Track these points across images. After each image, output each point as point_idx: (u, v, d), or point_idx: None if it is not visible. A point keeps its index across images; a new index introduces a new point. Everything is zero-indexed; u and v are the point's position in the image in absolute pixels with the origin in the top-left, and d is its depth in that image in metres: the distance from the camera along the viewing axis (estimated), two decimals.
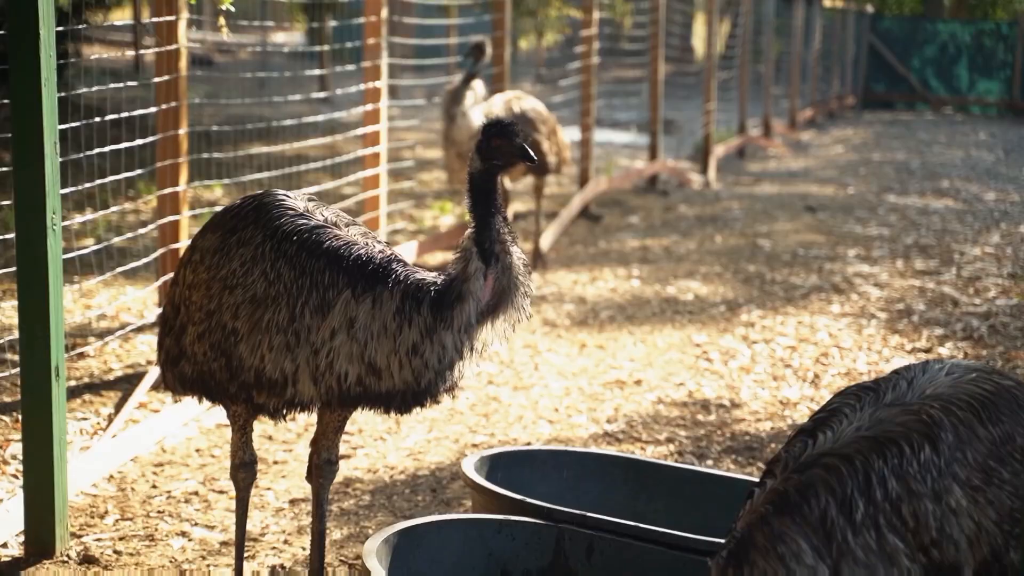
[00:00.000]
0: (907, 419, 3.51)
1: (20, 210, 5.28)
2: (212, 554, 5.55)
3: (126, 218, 11.73)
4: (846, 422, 3.57)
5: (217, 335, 4.36)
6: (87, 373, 7.74)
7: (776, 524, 3.41)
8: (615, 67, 24.50)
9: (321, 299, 4.23)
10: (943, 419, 3.50)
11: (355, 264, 4.25)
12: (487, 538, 4.68)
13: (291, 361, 4.24)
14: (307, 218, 4.39)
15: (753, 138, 23.10)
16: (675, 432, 7.22)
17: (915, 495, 3.42)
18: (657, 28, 17.13)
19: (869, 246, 13.16)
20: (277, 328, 4.25)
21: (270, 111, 16.78)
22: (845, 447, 3.48)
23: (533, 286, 4.37)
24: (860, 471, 3.43)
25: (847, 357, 8.81)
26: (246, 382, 4.32)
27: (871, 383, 3.71)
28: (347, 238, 4.34)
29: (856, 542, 3.39)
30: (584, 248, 12.80)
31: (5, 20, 5.28)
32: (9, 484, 6.12)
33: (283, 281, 4.27)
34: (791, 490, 3.44)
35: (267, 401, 4.36)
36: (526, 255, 4.34)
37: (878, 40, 35.54)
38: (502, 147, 4.22)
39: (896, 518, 3.41)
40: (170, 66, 7.56)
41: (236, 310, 4.31)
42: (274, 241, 4.33)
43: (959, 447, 3.48)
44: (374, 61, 9.94)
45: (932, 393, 3.59)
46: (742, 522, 3.48)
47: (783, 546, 3.39)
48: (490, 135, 4.23)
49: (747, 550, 3.42)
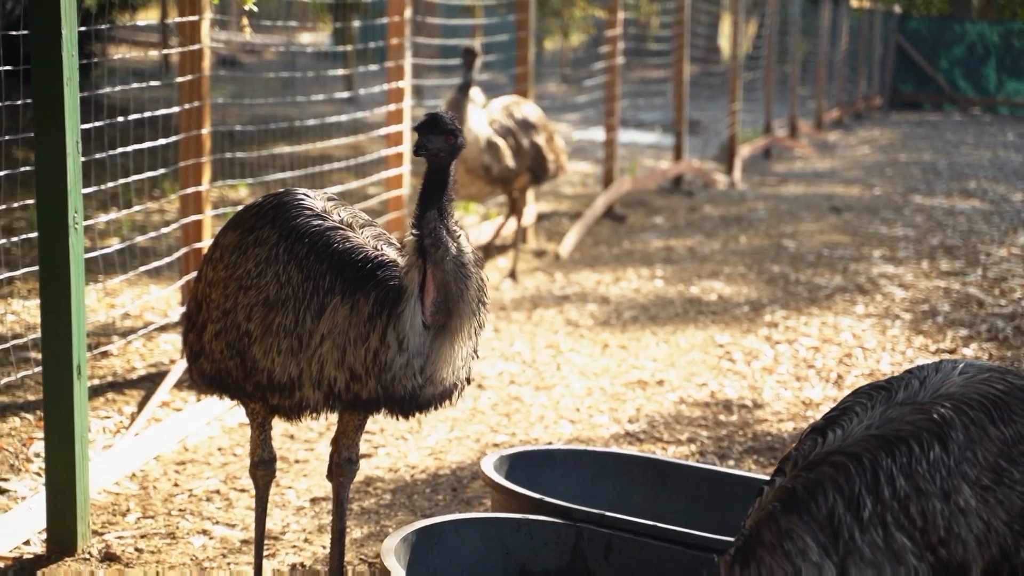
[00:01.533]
0: (917, 418, 3.50)
1: (42, 209, 5.31)
2: (233, 552, 5.57)
3: (151, 218, 11.78)
4: (856, 420, 3.56)
5: (232, 334, 4.37)
6: (110, 372, 7.77)
7: (783, 521, 3.41)
8: (641, 67, 24.49)
9: (320, 304, 4.24)
10: (954, 418, 3.49)
11: (351, 268, 4.25)
12: (505, 537, 4.69)
13: (295, 366, 4.26)
14: (323, 219, 4.40)
15: (779, 138, 23.05)
16: (697, 432, 7.21)
17: (923, 494, 3.41)
18: (682, 28, 17.11)
19: (894, 247, 13.11)
20: (285, 332, 4.26)
21: (295, 111, 16.82)
22: (854, 445, 3.47)
23: (482, 278, 4.32)
24: (868, 469, 3.42)
25: (871, 358, 8.78)
26: (260, 383, 4.34)
27: (884, 382, 3.69)
28: (355, 241, 4.33)
29: (863, 540, 3.38)
30: (608, 248, 12.79)
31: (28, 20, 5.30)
32: (32, 482, 6.15)
33: (292, 284, 4.28)
34: (799, 488, 3.44)
35: (280, 402, 4.37)
36: (478, 249, 4.32)
37: (906, 40, 35.40)
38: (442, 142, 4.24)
39: (904, 517, 3.40)
40: (193, 66, 7.59)
41: (250, 312, 4.33)
42: (288, 242, 4.34)
43: (969, 446, 3.47)
44: (397, 61, 9.96)
45: (944, 392, 3.57)
46: (750, 519, 3.48)
47: (790, 543, 3.38)
48: (431, 131, 4.22)
49: (754, 547, 3.41)
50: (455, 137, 4.25)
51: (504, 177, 10.49)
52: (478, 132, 10.27)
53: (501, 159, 10.32)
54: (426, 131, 4.22)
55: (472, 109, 10.23)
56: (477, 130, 10.26)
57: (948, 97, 34.98)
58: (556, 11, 24.68)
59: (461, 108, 10.14)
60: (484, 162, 10.29)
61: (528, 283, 11.06)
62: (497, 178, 10.45)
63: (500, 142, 10.40)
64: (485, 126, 10.36)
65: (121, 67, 15.26)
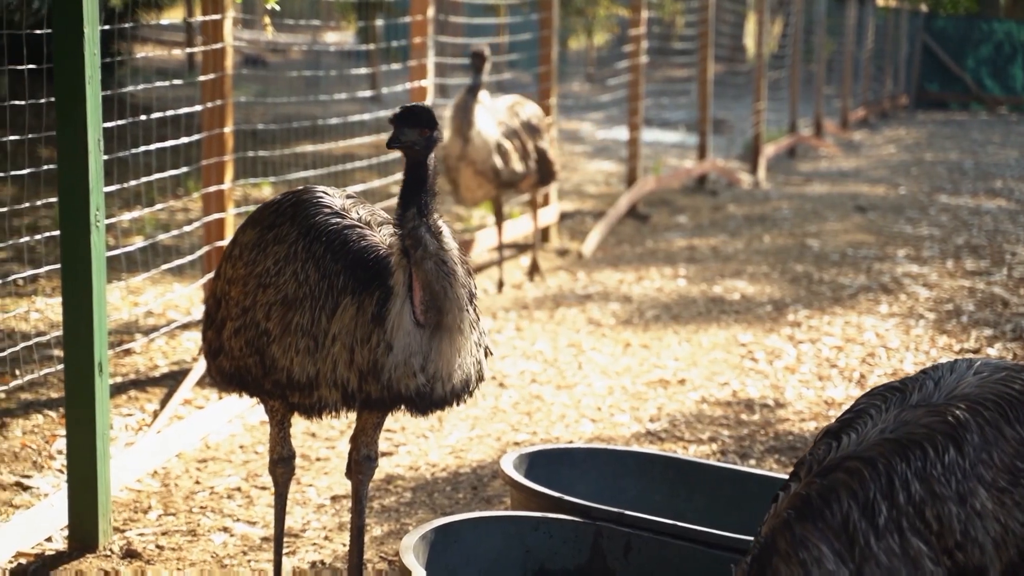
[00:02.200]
0: (932, 420, 3.47)
1: (64, 207, 5.33)
2: (253, 549, 5.58)
3: (175, 216, 11.82)
4: (871, 424, 3.53)
5: (251, 332, 4.37)
6: (133, 369, 7.80)
7: (798, 529, 3.39)
8: (666, 66, 24.46)
9: (334, 303, 4.22)
10: (969, 420, 3.46)
11: (362, 268, 4.24)
12: (524, 535, 4.68)
13: (312, 365, 4.24)
14: (341, 217, 4.38)
15: (804, 138, 22.99)
16: (718, 431, 7.20)
17: (939, 498, 3.39)
18: (707, 27, 17.08)
19: (919, 246, 13.06)
20: (302, 331, 4.25)
21: (319, 110, 16.85)
22: (868, 450, 3.45)
23: (468, 273, 4.29)
24: (883, 474, 3.40)
25: (894, 357, 8.75)
26: (279, 381, 4.33)
27: (898, 383, 3.67)
28: (371, 240, 4.31)
29: (879, 546, 3.36)
30: (631, 247, 12.77)
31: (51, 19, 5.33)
32: (55, 479, 6.18)
33: (309, 284, 4.27)
34: (813, 495, 3.42)
35: (300, 401, 4.35)
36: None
37: (932, 39, 35.24)
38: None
39: (920, 521, 3.38)
40: (216, 64, 7.61)
41: (269, 310, 4.32)
42: (306, 241, 4.33)
43: (985, 448, 3.44)
44: (420, 60, 9.97)
45: (959, 393, 3.54)
46: (765, 527, 3.46)
47: (805, 552, 3.37)
48: (405, 123, 4.18)
49: (769, 556, 3.40)
50: (431, 130, 4.19)
51: (511, 180, 10.30)
52: (488, 135, 10.05)
53: (510, 161, 10.14)
54: (400, 123, 4.18)
55: (480, 112, 10.03)
56: (487, 133, 10.05)
57: (975, 96, 34.82)
58: (580, 10, 24.66)
59: (469, 110, 9.95)
60: (494, 165, 10.07)
61: (551, 282, 11.05)
62: (505, 181, 10.25)
63: (508, 145, 10.23)
64: (495, 129, 10.16)
65: (147, 66, 15.33)
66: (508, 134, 10.28)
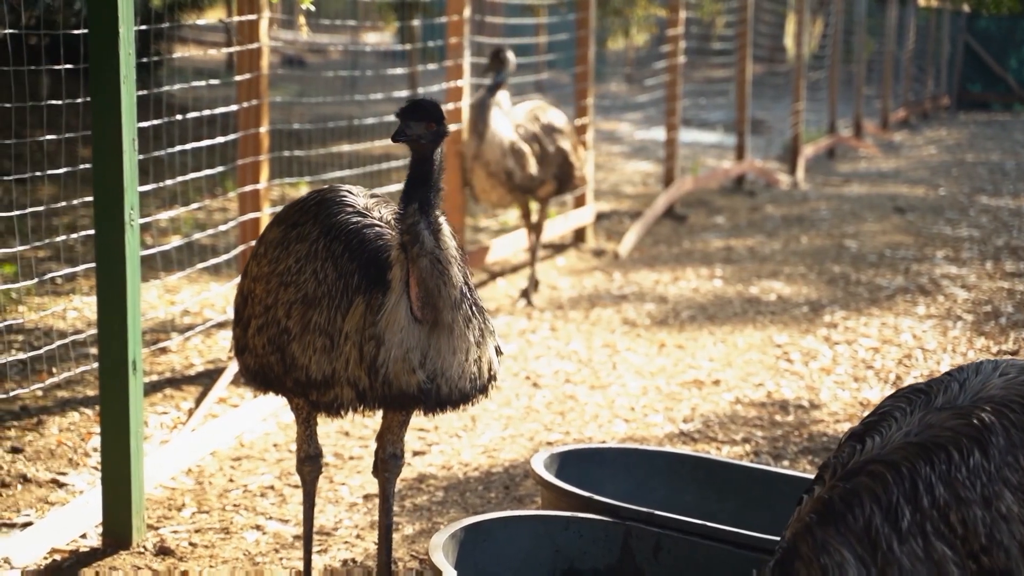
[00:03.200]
0: (956, 423, 3.45)
1: (99, 206, 5.37)
2: (285, 547, 5.61)
3: (213, 216, 11.88)
4: (895, 426, 3.51)
5: (273, 330, 4.38)
6: (169, 368, 7.85)
7: (820, 534, 3.38)
8: (705, 67, 24.40)
9: (349, 302, 4.23)
10: (994, 422, 3.43)
11: (375, 267, 4.24)
12: (554, 535, 4.68)
13: (329, 364, 4.25)
14: (362, 216, 4.39)
15: (843, 138, 22.89)
16: (752, 432, 7.18)
17: (963, 501, 3.36)
18: (745, 28, 17.04)
19: (958, 247, 12.98)
20: (320, 330, 4.26)
21: (357, 110, 16.91)
22: (892, 453, 3.43)
23: (464, 272, 4.27)
24: (907, 478, 3.38)
25: (931, 359, 8.70)
26: (299, 380, 4.34)
27: (923, 385, 3.64)
28: (388, 239, 4.30)
29: (902, 550, 3.34)
30: (667, 248, 12.75)
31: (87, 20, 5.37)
32: (90, 476, 6.23)
33: (328, 282, 4.28)
34: (836, 498, 3.41)
35: (319, 399, 4.36)
36: (457, 240, 4.27)
37: (974, 39, 35.02)
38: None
39: (944, 525, 3.36)
40: (252, 64, 7.65)
41: (289, 309, 4.33)
42: (326, 240, 4.34)
43: (1011, 451, 3.42)
44: (456, 60, 9.99)
45: (984, 395, 3.51)
46: (788, 531, 3.45)
47: (827, 557, 3.36)
48: (411, 117, 4.17)
49: (792, 561, 3.39)
50: (437, 124, 4.17)
51: (527, 185, 10.00)
52: (502, 135, 9.79)
53: (525, 166, 9.87)
54: (406, 117, 4.16)
55: (496, 111, 9.80)
56: (501, 133, 9.79)
57: (1018, 97, 34.56)
58: (618, 10, 24.63)
59: (485, 109, 9.74)
60: (507, 167, 9.82)
61: (586, 282, 11.05)
62: (519, 185, 9.95)
63: (525, 148, 9.92)
64: (509, 129, 9.89)
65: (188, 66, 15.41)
66: (527, 138, 9.99)
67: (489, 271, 11.19)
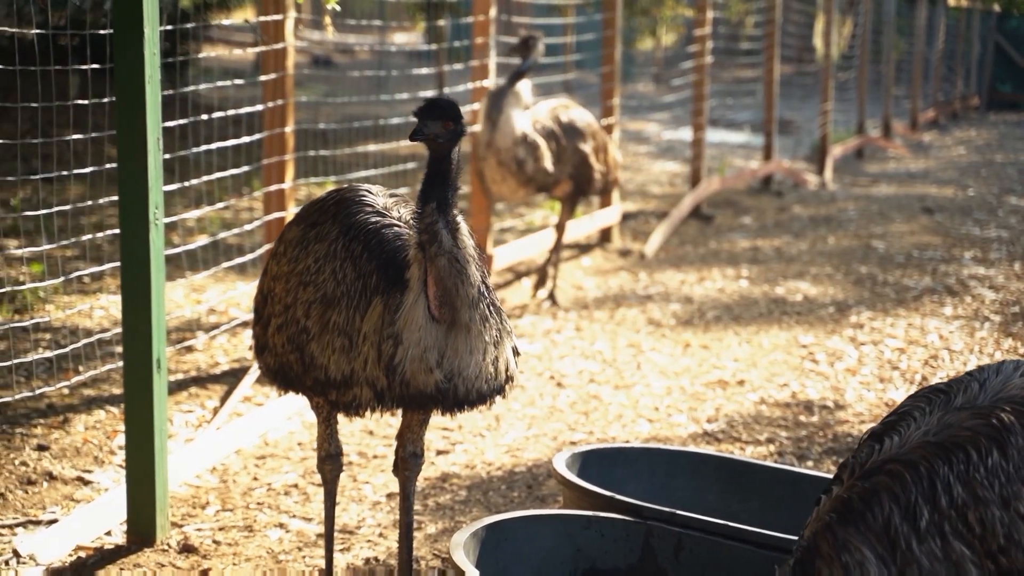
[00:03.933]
0: (975, 423, 3.44)
1: (123, 205, 5.40)
2: (308, 546, 5.63)
3: (239, 215, 11.92)
4: (914, 426, 3.51)
5: (292, 329, 4.39)
6: (194, 366, 7.88)
7: (840, 533, 3.38)
8: (734, 67, 24.35)
9: (367, 302, 4.23)
10: (1013, 422, 3.43)
11: (393, 267, 4.24)
12: (575, 534, 4.69)
13: (347, 364, 4.25)
14: (382, 216, 4.39)
15: (872, 139, 22.81)
16: (776, 433, 7.16)
17: (982, 501, 3.36)
18: (773, 27, 17.00)
19: (986, 248, 12.92)
20: (339, 330, 4.26)
21: (385, 110, 16.94)
22: (911, 453, 3.43)
23: (482, 272, 4.26)
24: (925, 478, 3.38)
25: (957, 360, 8.66)
26: (318, 379, 4.34)
27: (943, 385, 3.64)
28: (407, 239, 4.28)
29: (921, 550, 3.34)
30: (694, 248, 12.73)
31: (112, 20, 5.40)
32: (115, 474, 6.26)
33: (346, 282, 4.28)
34: (855, 498, 3.41)
35: (338, 399, 4.36)
36: (474, 240, 4.25)
37: (1005, 40, 34.82)
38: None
39: (962, 525, 3.35)
40: (278, 64, 7.68)
41: (308, 308, 4.34)
42: (345, 239, 4.34)
43: None
44: (482, 60, 10.00)
45: (1004, 395, 3.51)
46: (808, 530, 3.46)
47: (847, 555, 3.36)
48: (429, 116, 4.15)
49: (812, 559, 3.40)
50: (455, 123, 4.16)
51: (540, 180, 9.81)
52: (514, 124, 9.59)
53: (539, 159, 9.66)
54: (423, 116, 4.16)
55: (512, 100, 9.59)
56: (514, 122, 9.58)
57: None
58: (645, 10, 24.59)
59: (500, 97, 9.57)
60: (517, 156, 9.61)
61: (612, 282, 11.04)
62: (532, 178, 9.74)
63: (540, 142, 9.71)
64: (525, 120, 9.69)
65: (216, 66, 15.47)
66: (543, 133, 9.80)
67: (515, 271, 11.20)
